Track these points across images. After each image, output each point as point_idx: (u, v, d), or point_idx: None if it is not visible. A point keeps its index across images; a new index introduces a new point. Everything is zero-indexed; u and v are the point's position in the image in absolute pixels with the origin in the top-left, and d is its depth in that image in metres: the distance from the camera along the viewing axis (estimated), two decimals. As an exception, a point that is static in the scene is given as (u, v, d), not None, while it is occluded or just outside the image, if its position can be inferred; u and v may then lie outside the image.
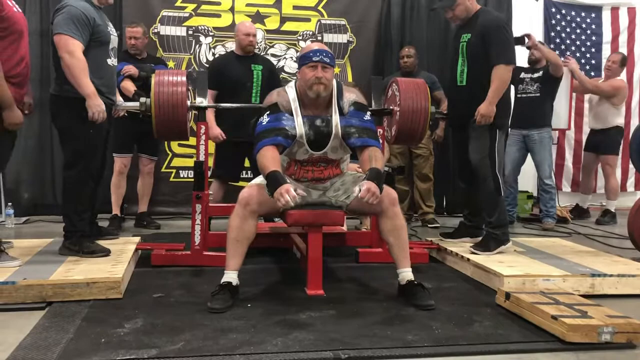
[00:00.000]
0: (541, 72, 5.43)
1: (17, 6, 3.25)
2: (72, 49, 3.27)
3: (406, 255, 3.08)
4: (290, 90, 3.12)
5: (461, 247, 3.87)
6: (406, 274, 3.04)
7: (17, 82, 3.18)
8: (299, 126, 3.04)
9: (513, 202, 5.72)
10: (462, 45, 3.84)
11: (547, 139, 5.49)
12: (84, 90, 3.28)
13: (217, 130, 4.38)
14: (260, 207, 2.97)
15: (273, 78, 4.71)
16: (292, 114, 3.05)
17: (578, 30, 6.88)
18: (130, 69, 4.69)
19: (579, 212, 6.18)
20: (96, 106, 3.31)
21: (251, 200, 2.95)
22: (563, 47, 6.82)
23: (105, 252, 3.47)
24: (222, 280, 2.92)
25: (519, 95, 5.41)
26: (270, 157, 2.91)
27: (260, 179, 3.07)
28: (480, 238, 3.88)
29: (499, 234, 3.75)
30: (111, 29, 3.58)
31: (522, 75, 5.47)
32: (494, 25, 3.72)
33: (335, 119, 3.08)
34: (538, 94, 5.40)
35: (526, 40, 5.10)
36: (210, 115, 4.31)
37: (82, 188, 3.49)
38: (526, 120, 5.34)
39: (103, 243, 3.61)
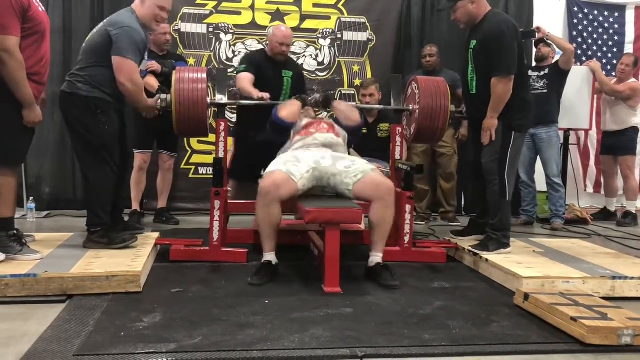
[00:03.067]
0: (547, 70, 5.40)
1: (41, 5, 3.30)
2: (137, 78, 3.52)
3: (383, 243, 3.40)
4: None
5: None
6: (377, 257, 3.36)
7: (36, 80, 3.24)
8: None
9: (532, 201, 5.67)
10: (470, 53, 3.78)
11: (555, 137, 5.45)
12: (145, 105, 3.69)
13: (255, 91, 4.12)
14: (279, 190, 3.20)
15: (300, 84, 4.66)
16: None
17: (600, 30, 6.80)
18: (153, 64, 4.73)
19: (606, 215, 6.11)
20: (150, 107, 3.74)
21: (271, 188, 3.19)
22: (585, 46, 6.74)
23: (134, 238, 3.57)
24: (263, 260, 3.29)
25: None
26: None
27: (274, 165, 3.33)
28: None
29: (499, 235, 3.71)
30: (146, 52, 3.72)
31: (529, 73, 5.43)
32: (495, 33, 3.60)
33: None
34: (545, 91, 5.37)
35: (536, 34, 5.07)
36: (246, 83, 4.22)
37: (102, 182, 3.53)
38: (534, 117, 5.27)
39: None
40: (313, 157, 3.43)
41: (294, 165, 3.34)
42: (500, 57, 3.57)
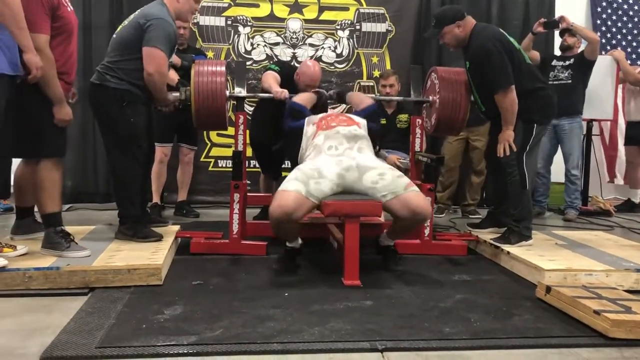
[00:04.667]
0: (573, 60, 5.32)
1: (70, 5, 3.31)
2: (165, 70, 3.52)
3: (396, 239, 3.51)
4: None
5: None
6: (386, 243, 3.50)
7: (64, 79, 3.26)
8: None
9: (545, 192, 5.61)
10: (468, 74, 3.79)
11: (578, 128, 5.37)
12: (165, 98, 3.67)
13: (275, 87, 4.07)
14: (291, 216, 3.02)
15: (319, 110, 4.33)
16: None
17: (625, 18, 6.67)
18: (174, 58, 4.74)
19: (630, 207, 6.02)
20: (168, 101, 3.74)
21: (281, 216, 3.02)
22: (609, 35, 6.63)
23: (158, 237, 3.57)
24: (287, 245, 3.35)
25: (550, 83, 5.24)
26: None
27: (293, 182, 3.12)
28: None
29: (521, 227, 3.67)
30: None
31: (554, 62, 5.37)
32: (481, 53, 3.58)
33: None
34: (570, 81, 5.28)
35: (560, 24, 5.01)
36: (271, 79, 4.16)
37: (130, 174, 3.57)
38: (558, 108, 5.20)
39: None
40: (337, 170, 3.20)
41: (316, 182, 3.12)
42: (494, 75, 3.55)
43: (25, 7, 2.92)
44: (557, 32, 5.55)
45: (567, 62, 5.35)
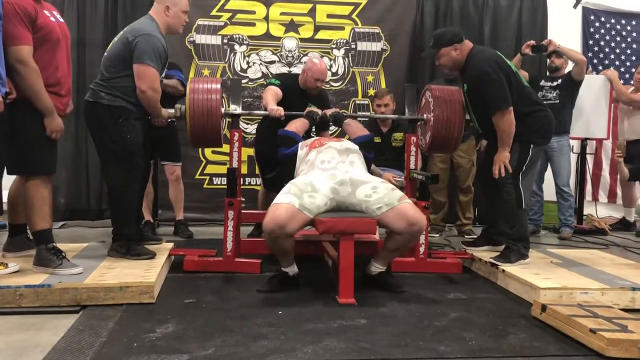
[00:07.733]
0: (560, 80, 5.38)
1: (56, 16, 3.28)
2: (157, 86, 3.51)
3: (389, 262, 3.44)
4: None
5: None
6: (378, 269, 3.36)
7: (55, 91, 3.23)
8: None
9: (539, 210, 5.62)
10: (465, 96, 3.83)
11: (566, 147, 5.42)
12: (159, 114, 3.68)
13: (272, 104, 4.02)
14: (285, 229, 2.97)
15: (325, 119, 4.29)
16: None
17: (618, 38, 6.73)
18: None
19: (625, 226, 6.02)
20: (162, 117, 3.78)
21: (275, 229, 2.97)
22: (602, 55, 6.68)
23: (151, 255, 3.56)
24: (281, 269, 3.28)
25: None
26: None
27: (286, 196, 3.10)
28: (502, 246, 3.81)
29: (520, 246, 3.67)
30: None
31: (542, 82, 5.42)
32: (477, 74, 3.61)
33: None
34: (557, 101, 5.32)
35: (547, 48, 5.06)
36: (270, 95, 4.13)
37: (126, 192, 3.56)
38: None
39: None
40: (330, 184, 3.20)
41: (310, 196, 3.10)
42: (492, 96, 3.57)
43: (5, 21, 2.92)
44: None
45: (555, 83, 5.39)
